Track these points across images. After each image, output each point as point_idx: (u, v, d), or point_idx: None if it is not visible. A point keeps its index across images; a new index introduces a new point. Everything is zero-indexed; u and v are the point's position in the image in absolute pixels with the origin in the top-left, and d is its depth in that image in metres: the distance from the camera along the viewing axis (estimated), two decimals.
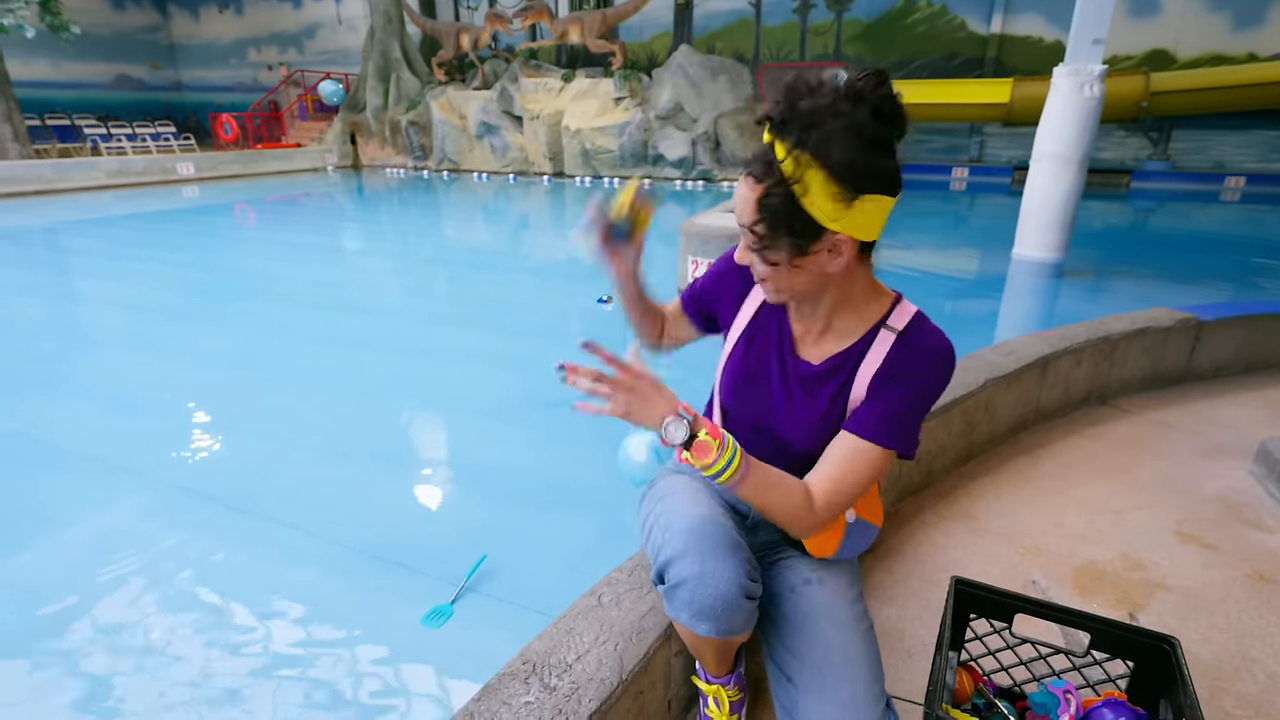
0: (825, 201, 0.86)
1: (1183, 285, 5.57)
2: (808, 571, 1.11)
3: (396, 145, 15.76)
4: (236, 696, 1.61)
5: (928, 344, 1.00)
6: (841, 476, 0.98)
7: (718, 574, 0.94)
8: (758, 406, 1.12)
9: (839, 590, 1.09)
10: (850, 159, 0.84)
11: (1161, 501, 2.08)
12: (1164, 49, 13.17)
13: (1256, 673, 1.43)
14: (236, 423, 3.17)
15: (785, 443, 1.10)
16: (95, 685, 1.66)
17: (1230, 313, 3.09)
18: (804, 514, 0.97)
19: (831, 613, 1.05)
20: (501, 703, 1.02)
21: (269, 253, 7.36)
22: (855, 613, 1.07)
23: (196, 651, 1.75)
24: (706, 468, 0.88)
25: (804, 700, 0.99)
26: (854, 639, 1.03)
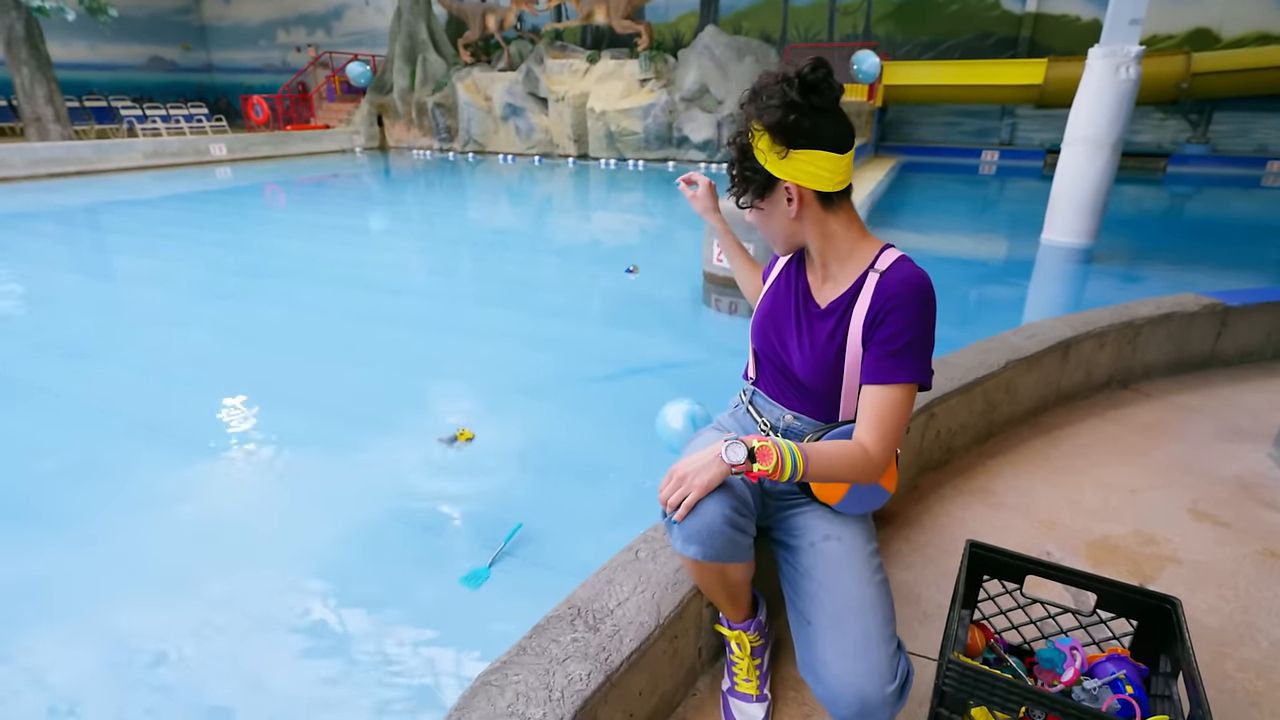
0: (769, 154, 1.11)
1: (1216, 272, 5.50)
2: (827, 528, 1.21)
3: (423, 127, 15.89)
4: (298, 643, 1.76)
5: (903, 276, 1.11)
6: (880, 422, 1.09)
7: (704, 505, 1.06)
8: (776, 345, 1.26)
9: (856, 545, 1.18)
10: (780, 120, 1.07)
11: (1177, 481, 2.13)
12: (1207, 28, 12.76)
13: (1260, 640, 1.50)
14: (271, 396, 3.32)
15: (795, 377, 1.23)
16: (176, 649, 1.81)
17: (1259, 299, 3.08)
18: (866, 466, 1.09)
19: (849, 565, 1.15)
20: (551, 639, 1.13)
21: (300, 233, 7.54)
22: (871, 566, 1.16)
23: (256, 605, 1.90)
24: (776, 470, 0.99)
25: (821, 638, 1.09)
26: (869, 589, 1.12)
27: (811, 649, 1.10)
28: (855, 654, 1.04)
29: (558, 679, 1.06)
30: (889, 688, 1.01)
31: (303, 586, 1.97)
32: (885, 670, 1.02)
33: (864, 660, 1.03)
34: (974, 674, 1.04)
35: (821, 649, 1.07)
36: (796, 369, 1.22)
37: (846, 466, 1.07)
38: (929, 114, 14.82)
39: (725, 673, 1.34)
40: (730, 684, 1.31)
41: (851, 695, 1.02)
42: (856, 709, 1.02)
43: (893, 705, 1.02)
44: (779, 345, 1.25)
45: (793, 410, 1.26)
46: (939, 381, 2.13)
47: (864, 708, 1.01)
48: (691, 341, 4.19)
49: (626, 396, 3.31)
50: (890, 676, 1.02)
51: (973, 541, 1.31)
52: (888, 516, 1.92)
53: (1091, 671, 1.24)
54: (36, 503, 2.41)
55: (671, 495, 1.06)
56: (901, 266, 1.12)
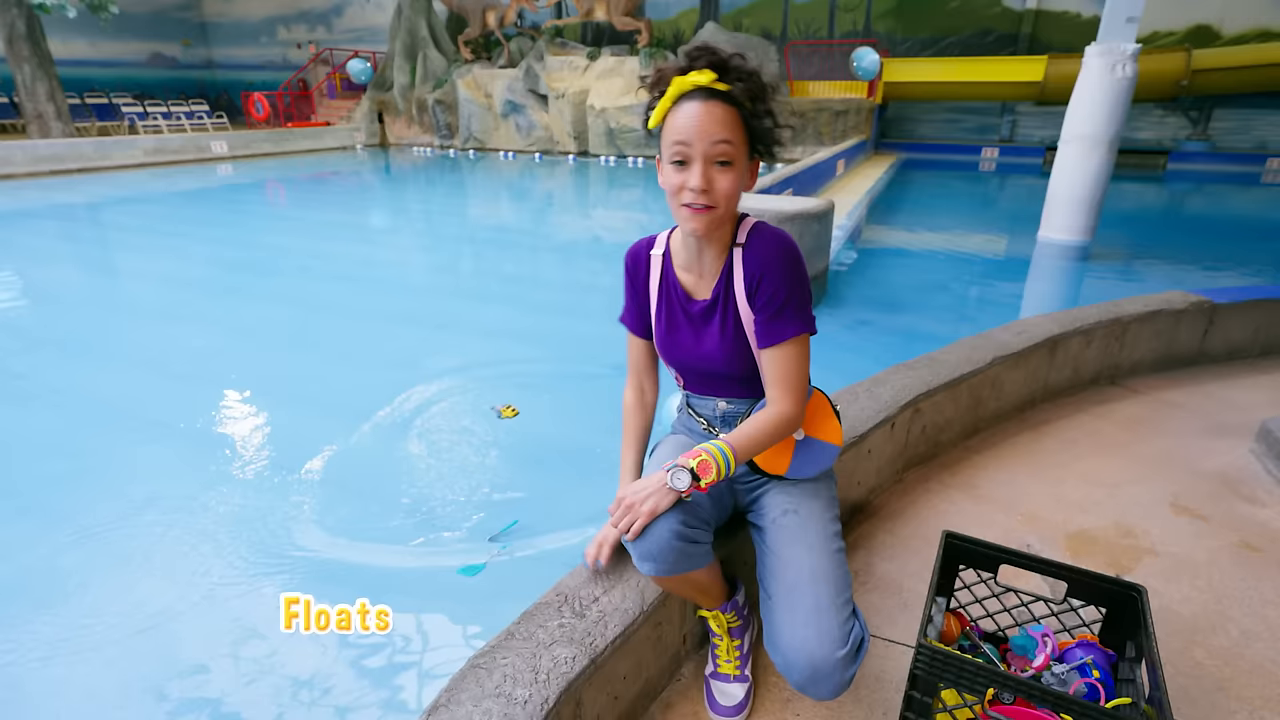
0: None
1: (1211, 270, 5.53)
2: (786, 503, 1.26)
3: (423, 124, 15.92)
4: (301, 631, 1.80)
5: (764, 240, 1.19)
6: (784, 379, 1.20)
7: (654, 524, 1.12)
8: (687, 355, 1.29)
9: (813, 517, 1.24)
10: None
11: (1159, 476, 2.17)
12: (1208, 24, 12.75)
13: (1230, 629, 1.54)
14: (275, 392, 3.37)
15: (718, 372, 1.29)
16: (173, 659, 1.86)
17: (1246, 296, 3.12)
18: (785, 423, 1.20)
19: (804, 538, 1.20)
20: (539, 625, 1.18)
21: (301, 230, 7.59)
22: (826, 535, 1.21)
23: (264, 598, 1.95)
24: (718, 475, 1.11)
25: (778, 608, 1.14)
26: (823, 559, 1.16)
27: (771, 620, 1.16)
28: (806, 621, 1.09)
29: (544, 662, 1.10)
30: (839, 652, 1.06)
31: (306, 576, 2.02)
32: (836, 636, 1.07)
33: (814, 627, 1.08)
34: (943, 658, 1.09)
35: (778, 618, 1.13)
36: (718, 366, 1.28)
37: (769, 432, 1.18)
38: (929, 111, 14.82)
39: (709, 658, 1.38)
40: (713, 667, 1.35)
41: (803, 661, 1.07)
42: (808, 674, 1.07)
43: (843, 669, 1.07)
44: (690, 355, 1.29)
45: (724, 397, 1.32)
46: (925, 377, 2.17)
47: (815, 672, 1.07)
48: None
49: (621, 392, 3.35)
50: (841, 642, 1.07)
51: (948, 532, 1.35)
52: (872, 509, 1.97)
53: (1062, 657, 1.28)
54: (39, 499, 2.46)
55: (620, 521, 1.12)
56: (760, 233, 1.20)
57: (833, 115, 12.42)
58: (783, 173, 6.86)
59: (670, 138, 1.11)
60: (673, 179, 1.13)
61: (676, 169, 1.12)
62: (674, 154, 1.11)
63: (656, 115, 1.13)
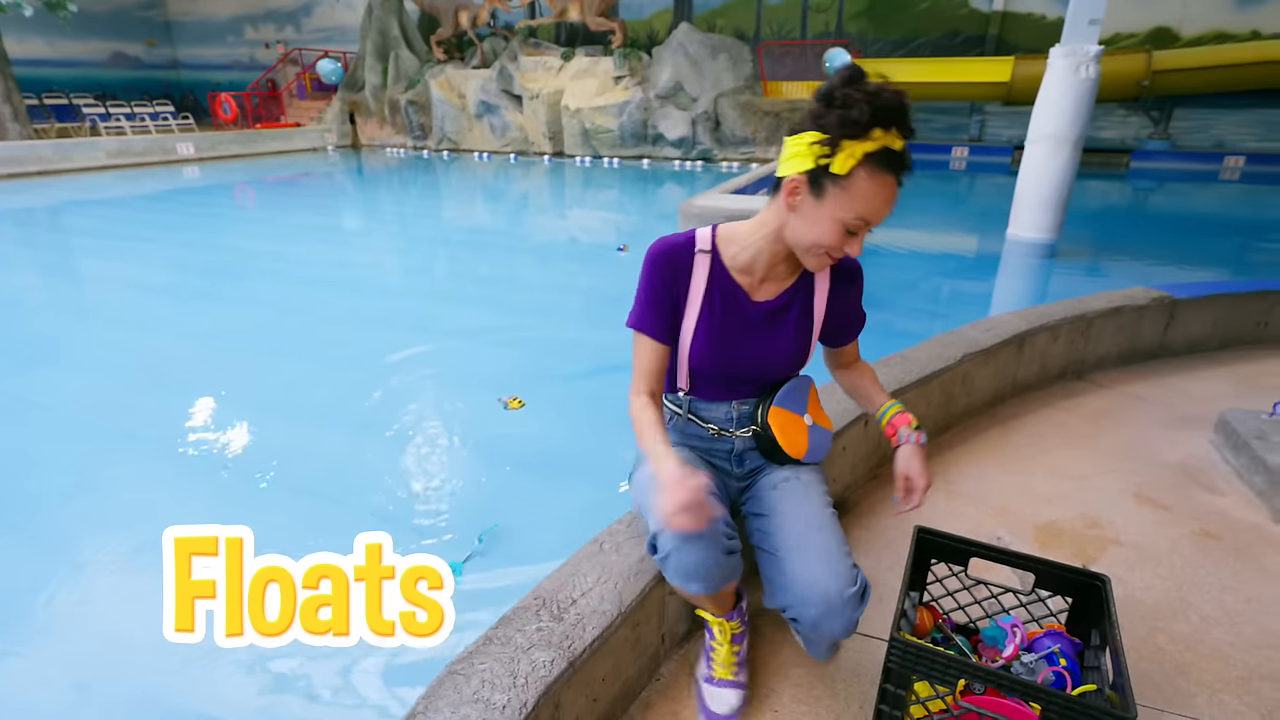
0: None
1: (1173, 265, 5.69)
2: (786, 473, 1.35)
3: (396, 125, 15.75)
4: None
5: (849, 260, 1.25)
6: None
7: (698, 538, 1.12)
8: (737, 355, 1.28)
9: (811, 484, 1.32)
10: None
11: (1124, 467, 2.23)
12: (1168, 26, 13.10)
13: (1191, 615, 1.59)
14: (247, 398, 3.31)
15: (765, 374, 1.32)
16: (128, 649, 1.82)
17: (1205, 291, 3.21)
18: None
19: (807, 496, 1.29)
20: (516, 629, 1.18)
21: (271, 233, 7.47)
22: (824, 500, 1.30)
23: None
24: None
25: (789, 557, 1.20)
26: (827, 511, 1.26)
27: (782, 569, 1.21)
28: (819, 561, 1.17)
29: (522, 666, 1.10)
30: (850, 589, 1.14)
31: None
32: (846, 574, 1.15)
33: (826, 565, 1.16)
34: (916, 651, 1.11)
35: (790, 565, 1.19)
36: (776, 368, 1.31)
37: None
38: None
39: (702, 661, 1.36)
40: (707, 672, 1.33)
41: (818, 595, 1.14)
42: (823, 607, 1.14)
43: (854, 608, 1.14)
44: (746, 356, 1.28)
45: (739, 399, 1.34)
46: (898, 375, 2.20)
47: (829, 606, 1.13)
48: None
49: (600, 393, 3.35)
50: (851, 580, 1.15)
51: (920, 527, 1.38)
52: (848, 505, 1.99)
53: (1030, 646, 1.32)
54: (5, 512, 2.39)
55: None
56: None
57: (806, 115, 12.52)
58: (757, 173, 6.91)
59: (858, 209, 1.06)
60: (833, 239, 1.10)
61: (842, 232, 1.09)
62: (853, 225, 1.08)
63: (848, 163, 1.03)
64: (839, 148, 1.03)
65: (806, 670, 1.41)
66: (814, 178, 1.07)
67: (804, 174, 1.08)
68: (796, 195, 1.11)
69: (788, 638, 1.48)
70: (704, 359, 1.28)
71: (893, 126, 1.03)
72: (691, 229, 1.27)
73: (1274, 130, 12.86)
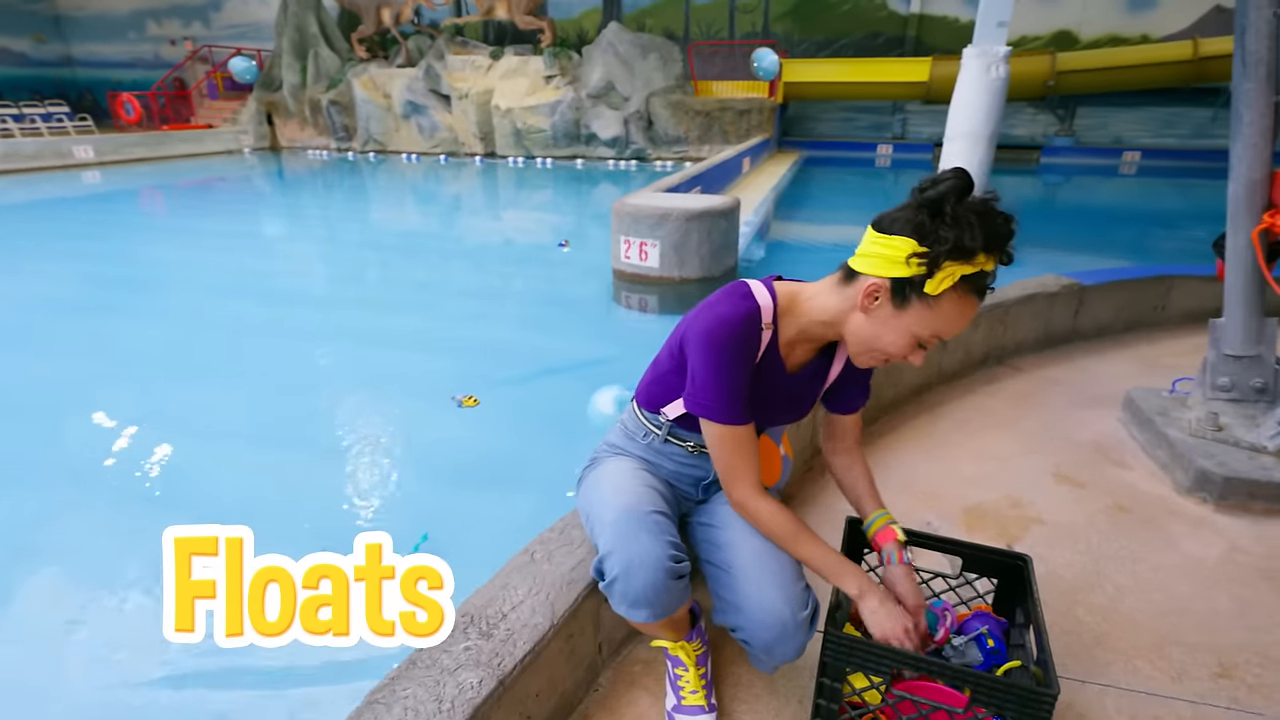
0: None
1: (1081, 254, 6.03)
2: None
3: (318, 126, 15.14)
4: (180, 695, 1.65)
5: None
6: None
7: (643, 564, 1.08)
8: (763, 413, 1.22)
9: None
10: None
11: (1043, 448, 2.33)
12: (1069, 30, 13.93)
13: (1107, 586, 1.66)
14: (157, 418, 3.09)
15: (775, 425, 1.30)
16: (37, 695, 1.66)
17: (1109, 278, 3.41)
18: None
19: None
20: (442, 650, 1.12)
21: (184, 241, 7.03)
22: None
23: (136, 656, 1.77)
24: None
25: (743, 576, 1.18)
26: None
27: (735, 589, 1.18)
28: (774, 585, 1.15)
29: (448, 689, 1.04)
30: (802, 613, 1.14)
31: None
32: (799, 598, 1.15)
33: (781, 590, 1.14)
34: (849, 644, 1.11)
35: (744, 585, 1.17)
36: (780, 423, 1.30)
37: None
38: (827, 110, 15.45)
39: (668, 691, 1.31)
40: (675, 700, 1.29)
41: (773, 620, 1.13)
42: (777, 631, 1.13)
43: (805, 630, 1.15)
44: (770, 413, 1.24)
45: None
46: None
47: (783, 630, 1.13)
48: (603, 340, 4.21)
49: (538, 398, 3.29)
50: (803, 604, 1.15)
51: (851, 518, 1.39)
52: (784, 498, 2.00)
53: (961, 629, 1.34)
54: None
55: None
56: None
57: (737, 114, 12.72)
58: (690, 171, 6.95)
59: (938, 329, 1.02)
60: (902, 350, 1.06)
61: (914, 345, 1.06)
62: (927, 341, 1.05)
63: (943, 284, 0.98)
64: (940, 268, 0.97)
65: (746, 669, 1.40)
66: (899, 287, 1.01)
67: (889, 280, 1.02)
68: (875, 300, 1.04)
69: (725, 638, 1.47)
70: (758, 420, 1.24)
71: (995, 251, 0.98)
72: (746, 292, 1.13)
73: (1165, 127, 13.86)
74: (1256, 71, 1.99)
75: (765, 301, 1.13)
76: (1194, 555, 1.79)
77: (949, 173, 0.99)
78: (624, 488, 1.21)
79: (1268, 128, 2.01)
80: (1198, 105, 13.35)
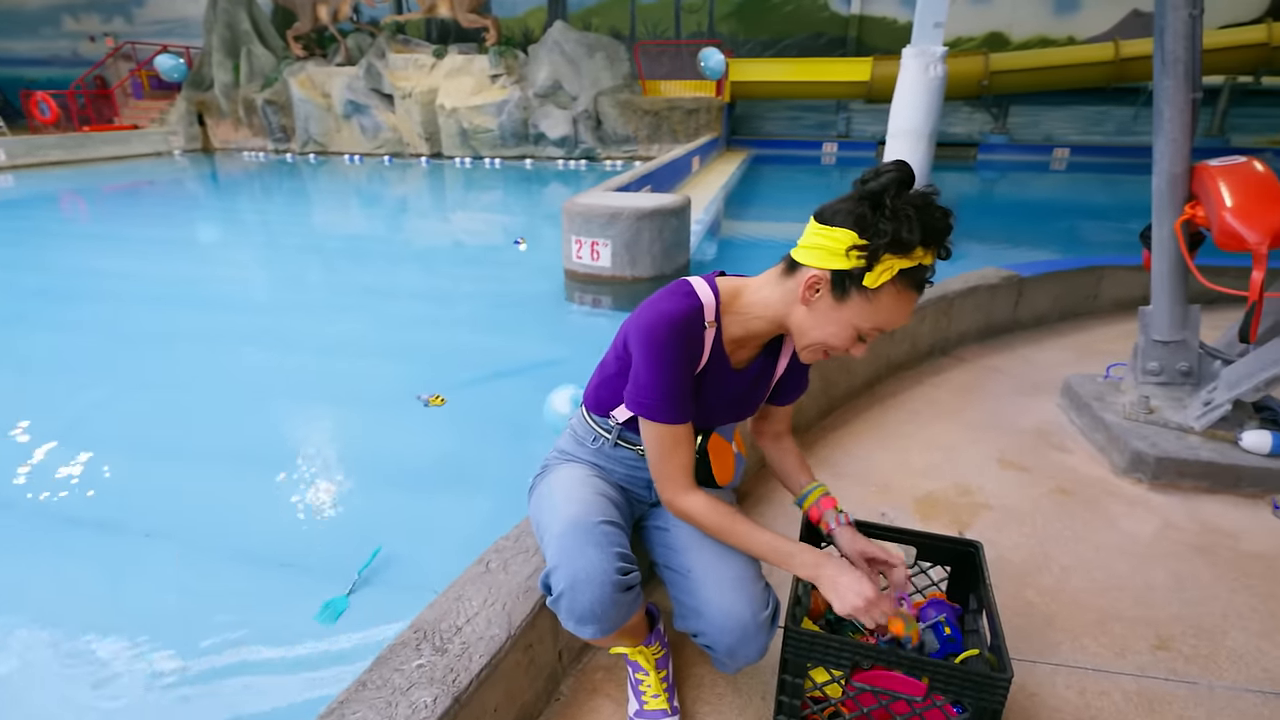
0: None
1: (1018, 247, 6.27)
2: None
3: (253, 126, 14.56)
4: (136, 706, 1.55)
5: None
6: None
7: (589, 579, 1.05)
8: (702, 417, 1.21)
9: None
10: None
11: (988, 436, 2.40)
12: (1000, 31, 14.49)
13: (1053, 568, 1.72)
14: (87, 434, 2.91)
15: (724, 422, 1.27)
16: None
17: (1046, 269, 3.54)
18: None
19: None
20: (394, 669, 1.07)
21: (108, 249, 6.66)
22: None
23: (65, 685, 1.65)
24: None
25: (703, 580, 1.16)
26: None
27: (694, 592, 1.17)
28: (734, 587, 1.14)
29: (401, 710, 1.00)
30: (763, 614, 1.13)
31: (139, 642, 1.74)
32: (759, 599, 1.14)
33: (742, 592, 1.14)
34: (809, 639, 1.11)
35: (703, 590, 1.15)
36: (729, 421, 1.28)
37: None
38: (773, 109, 15.68)
39: (630, 697, 1.29)
40: (638, 705, 1.27)
41: (734, 623, 1.12)
42: (739, 635, 1.12)
43: (766, 631, 1.14)
44: (715, 412, 1.23)
45: None
46: None
47: (744, 633, 1.12)
48: (556, 340, 4.16)
49: (491, 401, 3.22)
50: (764, 604, 1.14)
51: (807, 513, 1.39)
52: (739, 495, 2.01)
53: (918, 617, 1.36)
54: None
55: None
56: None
57: (685, 113, 12.78)
58: (640, 170, 6.95)
59: (878, 321, 1.02)
60: (842, 343, 1.06)
61: (854, 337, 1.05)
62: (867, 334, 1.05)
63: (882, 278, 0.98)
64: (879, 260, 0.97)
65: (707, 669, 1.40)
66: (839, 280, 1.01)
67: (829, 272, 1.02)
68: (816, 292, 1.04)
69: (686, 639, 1.45)
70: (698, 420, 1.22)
71: (933, 245, 0.99)
72: (688, 290, 1.12)
73: (1092, 125, 14.56)
74: (1175, 70, 2.08)
75: (708, 298, 1.12)
76: (1131, 533, 1.86)
77: (890, 165, 0.99)
78: (573, 496, 1.18)
79: (1187, 124, 2.11)
80: (1120, 104, 14.06)
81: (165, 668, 1.68)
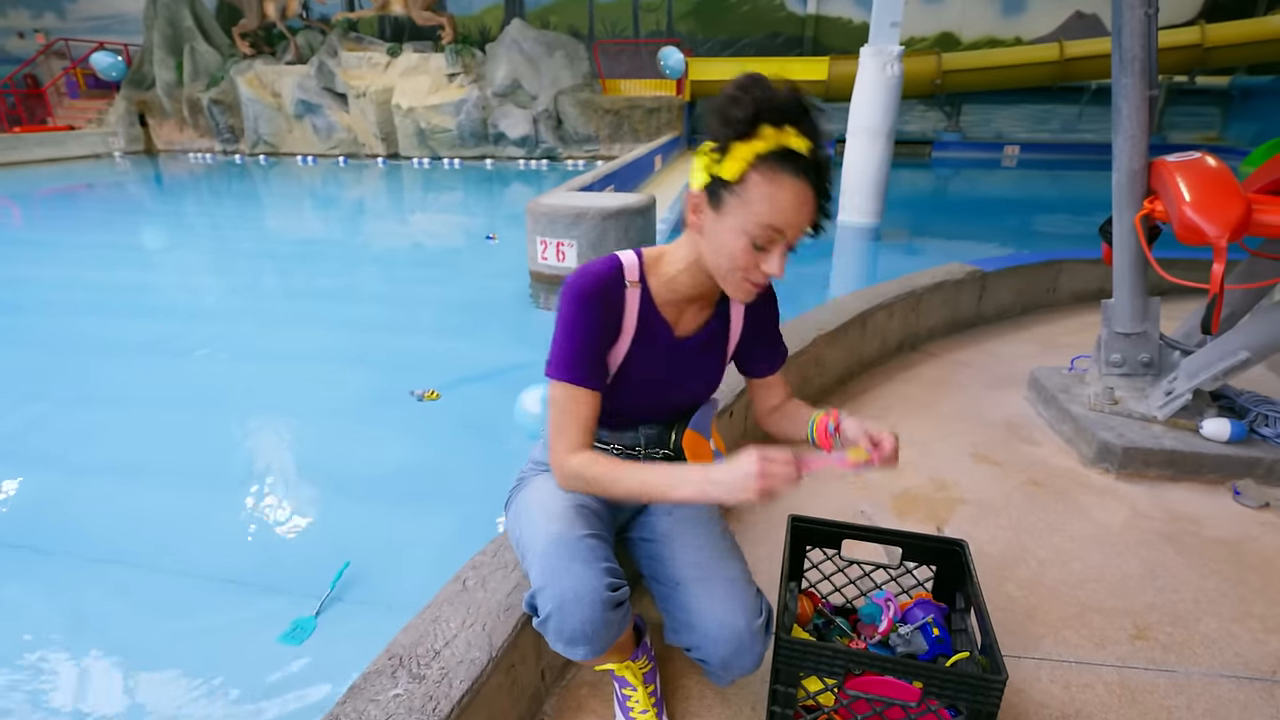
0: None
1: (976, 242, 6.41)
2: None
3: (199, 127, 14.04)
4: None
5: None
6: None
7: (578, 599, 1.00)
8: (656, 388, 1.18)
9: (704, 509, 1.27)
10: None
11: (959, 430, 2.42)
12: (951, 32, 14.84)
13: (1030, 560, 1.73)
14: (28, 452, 2.74)
15: (682, 403, 1.23)
16: None
17: (1007, 264, 3.61)
18: None
19: (707, 524, 1.23)
20: (369, 700, 1.00)
21: (44, 256, 6.31)
22: (722, 524, 1.26)
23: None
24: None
25: (693, 590, 1.12)
26: (727, 539, 1.22)
27: (685, 605, 1.13)
28: (726, 596, 1.10)
29: None
30: (756, 621, 1.09)
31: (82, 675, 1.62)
32: (752, 607, 1.10)
33: (734, 600, 1.10)
34: (801, 648, 1.08)
35: (695, 600, 1.11)
36: (695, 396, 1.23)
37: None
38: None
39: (617, 713, 1.25)
40: None
41: (728, 634, 1.08)
42: (734, 645, 1.08)
43: (761, 640, 1.10)
44: (665, 389, 1.19)
45: (646, 424, 1.23)
46: None
47: (739, 643, 1.08)
48: (522, 344, 4.08)
49: (457, 408, 3.14)
50: (757, 612, 1.10)
51: (794, 515, 1.37)
52: None
53: (904, 618, 1.35)
54: None
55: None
56: None
57: (646, 113, 12.77)
58: (603, 169, 6.90)
59: (763, 217, 0.94)
60: (742, 256, 0.98)
61: (752, 248, 0.97)
62: (762, 237, 0.96)
63: (738, 166, 0.93)
64: (728, 151, 0.94)
65: (696, 681, 1.36)
66: (712, 190, 0.98)
67: (703, 189, 0.99)
68: (699, 214, 1.01)
69: (673, 650, 1.42)
70: (626, 397, 1.16)
71: (785, 124, 0.93)
72: (612, 255, 1.12)
73: (1039, 122, 15.02)
74: (1132, 68, 2.13)
75: (630, 260, 1.12)
76: (1103, 523, 1.89)
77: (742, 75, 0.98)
78: (553, 511, 1.13)
79: (1144, 120, 2.16)
80: (1065, 102, 14.54)
81: (112, 702, 1.57)
